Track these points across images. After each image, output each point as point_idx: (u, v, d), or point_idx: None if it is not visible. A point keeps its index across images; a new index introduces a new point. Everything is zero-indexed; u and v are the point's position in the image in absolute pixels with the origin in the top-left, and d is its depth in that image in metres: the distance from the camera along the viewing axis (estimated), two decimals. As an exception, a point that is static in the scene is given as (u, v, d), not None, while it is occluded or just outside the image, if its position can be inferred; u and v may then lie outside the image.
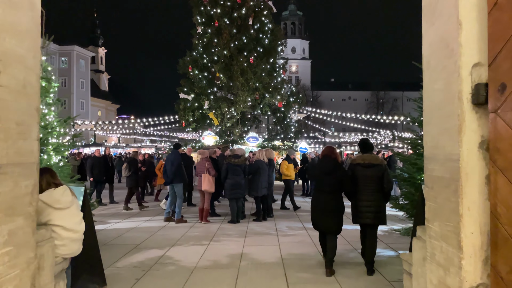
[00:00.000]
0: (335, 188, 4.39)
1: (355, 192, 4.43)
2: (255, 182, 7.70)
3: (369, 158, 4.51)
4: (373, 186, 4.38)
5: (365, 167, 4.43)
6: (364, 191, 4.38)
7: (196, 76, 19.34)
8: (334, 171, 4.41)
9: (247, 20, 19.32)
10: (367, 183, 4.38)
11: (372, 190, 4.37)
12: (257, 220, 7.73)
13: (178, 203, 7.70)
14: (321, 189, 4.48)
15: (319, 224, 4.47)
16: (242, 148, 8.85)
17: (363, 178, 4.41)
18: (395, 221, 7.80)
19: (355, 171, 4.48)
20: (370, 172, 4.40)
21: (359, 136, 33.94)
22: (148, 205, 9.95)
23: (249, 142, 18.63)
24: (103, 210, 9.41)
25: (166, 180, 7.90)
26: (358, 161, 4.54)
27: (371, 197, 4.37)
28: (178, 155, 7.93)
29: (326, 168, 4.46)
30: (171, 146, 11.51)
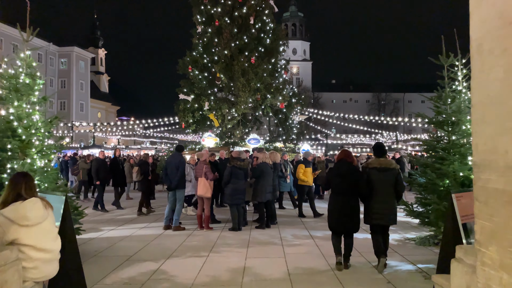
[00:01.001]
0: (351, 191, 4.58)
1: (370, 194, 4.60)
2: (259, 187, 7.21)
3: (384, 162, 4.67)
4: (387, 189, 4.58)
5: (380, 171, 4.60)
6: (379, 193, 4.56)
7: (196, 76, 18.88)
8: (350, 174, 4.61)
9: (248, 19, 18.87)
10: (381, 186, 4.56)
11: (386, 193, 4.57)
12: (260, 228, 7.25)
13: (178, 209, 7.22)
14: (338, 191, 4.65)
15: (337, 225, 4.65)
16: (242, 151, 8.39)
17: (378, 181, 4.58)
18: (407, 228, 7.32)
19: (370, 175, 4.64)
20: (385, 176, 4.58)
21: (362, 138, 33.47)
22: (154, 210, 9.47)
23: (250, 144, 18.15)
24: (97, 216, 8.94)
25: (168, 186, 7.39)
26: (374, 165, 4.69)
27: (385, 200, 4.56)
28: (183, 159, 7.44)
29: (342, 172, 4.64)
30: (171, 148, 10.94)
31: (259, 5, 19.41)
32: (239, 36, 18.59)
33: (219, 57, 18.45)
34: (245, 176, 7.16)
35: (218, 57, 18.48)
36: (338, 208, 4.60)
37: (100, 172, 9.64)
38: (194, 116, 19.28)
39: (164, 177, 7.44)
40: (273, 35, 19.97)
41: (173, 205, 7.33)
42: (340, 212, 4.58)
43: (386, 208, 4.56)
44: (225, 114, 18.56)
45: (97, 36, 63.60)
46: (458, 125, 5.63)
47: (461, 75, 6.17)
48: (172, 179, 7.18)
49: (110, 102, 64.83)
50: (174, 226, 7.18)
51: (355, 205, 4.63)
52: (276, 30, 20.27)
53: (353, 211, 4.60)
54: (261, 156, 7.63)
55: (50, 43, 46.86)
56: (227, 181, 7.00)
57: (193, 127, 19.60)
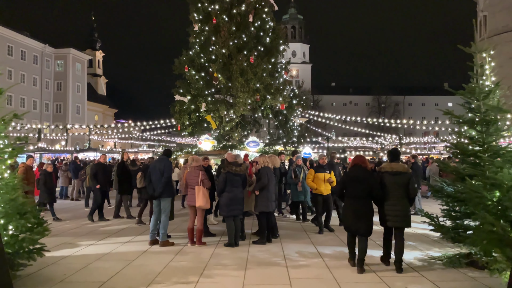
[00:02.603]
0: (365, 194, 4.82)
1: (383, 197, 4.82)
2: (263, 194, 6.32)
3: (396, 166, 4.89)
4: (400, 192, 4.78)
5: (393, 175, 4.83)
6: (391, 196, 4.78)
7: (193, 76, 18.03)
8: (365, 179, 4.84)
9: (247, 17, 18.08)
10: (394, 190, 4.78)
11: (398, 196, 4.77)
12: (260, 242, 6.34)
13: (163, 222, 6.31)
14: (353, 195, 4.86)
15: (352, 227, 4.88)
16: (239, 155, 7.41)
17: (390, 184, 4.81)
18: (427, 243, 6.43)
19: (384, 178, 4.88)
20: (397, 180, 4.80)
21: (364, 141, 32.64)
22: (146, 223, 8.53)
23: (249, 147, 17.27)
24: (77, 227, 8.03)
25: (151, 194, 6.50)
26: (387, 169, 4.91)
27: (398, 202, 4.77)
28: (169, 163, 6.54)
29: (357, 176, 4.88)
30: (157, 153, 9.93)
31: (259, 2, 18.64)
32: (238, 35, 17.79)
33: (216, 56, 17.62)
34: (243, 183, 6.27)
35: (216, 56, 17.66)
36: (353, 211, 4.83)
37: (99, 177, 8.76)
38: (190, 118, 18.42)
39: (147, 184, 6.53)
40: (273, 34, 19.17)
41: (159, 216, 6.44)
42: (355, 214, 4.81)
43: (398, 210, 4.75)
44: (223, 115, 17.71)
45: (94, 38, 62.91)
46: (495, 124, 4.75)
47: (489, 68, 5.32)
48: (155, 186, 6.29)
49: (108, 104, 63.99)
50: (161, 241, 6.28)
51: (369, 208, 4.84)
52: (276, 29, 19.47)
53: (367, 214, 4.81)
54: (262, 160, 6.70)
55: (46, 45, 46.04)
56: (222, 189, 6.11)
57: (189, 130, 18.73)
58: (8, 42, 40.48)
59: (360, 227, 4.78)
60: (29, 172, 7.94)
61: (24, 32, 43.18)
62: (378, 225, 5.11)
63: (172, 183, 6.67)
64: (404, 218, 4.76)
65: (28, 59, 43.77)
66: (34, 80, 45.15)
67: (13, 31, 40.77)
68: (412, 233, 7.21)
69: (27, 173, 7.74)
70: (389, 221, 4.79)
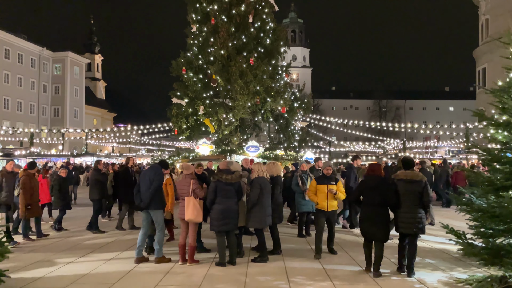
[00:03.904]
0: (381, 202, 4.98)
1: (398, 204, 4.97)
2: (255, 208, 5.59)
3: (410, 174, 5.02)
4: (414, 200, 4.90)
5: (407, 183, 4.96)
6: (405, 204, 4.92)
7: (191, 79, 17.43)
8: (380, 187, 5.03)
9: (246, 18, 17.52)
10: (407, 197, 4.92)
11: (412, 203, 4.90)
12: (261, 261, 5.63)
13: (159, 238, 5.64)
14: (369, 203, 5.04)
15: (368, 233, 5.05)
16: (237, 162, 6.55)
17: (404, 192, 4.95)
18: (449, 261, 5.71)
19: (398, 186, 5.02)
20: (411, 187, 4.93)
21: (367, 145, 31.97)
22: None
23: (249, 152, 16.58)
24: (58, 240, 7.32)
25: (137, 204, 5.82)
26: (401, 177, 5.06)
27: (412, 210, 4.89)
28: (160, 171, 5.85)
29: (372, 184, 5.08)
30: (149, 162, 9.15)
31: (259, 3, 18.10)
32: (237, 36, 17.22)
33: (215, 58, 17.04)
34: (238, 194, 5.50)
35: (214, 58, 17.07)
36: (370, 218, 5.00)
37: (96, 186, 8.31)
38: (188, 122, 17.80)
39: (135, 194, 5.85)
40: (274, 35, 18.61)
41: (148, 230, 5.75)
42: (371, 221, 4.97)
43: (412, 218, 4.87)
44: (222, 119, 17.07)
45: (93, 41, 62.53)
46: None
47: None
48: (143, 196, 5.62)
49: (106, 108, 63.42)
50: (156, 257, 5.61)
51: (384, 215, 5.00)
52: (276, 30, 18.90)
53: (383, 220, 4.97)
54: (256, 168, 5.89)
55: (43, 48, 45.56)
56: (211, 200, 5.39)
57: (186, 134, 18.09)
58: (5, 45, 39.97)
59: (376, 233, 4.96)
60: (32, 181, 7.19)
61: (22, 35, 42.72)
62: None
63: (162, 193, 5.98)
64: (417, 225, 4.86)
65: (25, 62, 43.25)
66: (31, 83, 44.60)
67: (10, 34, 40.28)
68: (429, 248, 6.51)
69: (29, 183, 7.05)
70: (403, 227, 4.93)
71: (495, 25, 30.42)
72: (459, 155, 25.48)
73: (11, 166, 7.49)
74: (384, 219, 4.98)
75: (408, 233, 4.92)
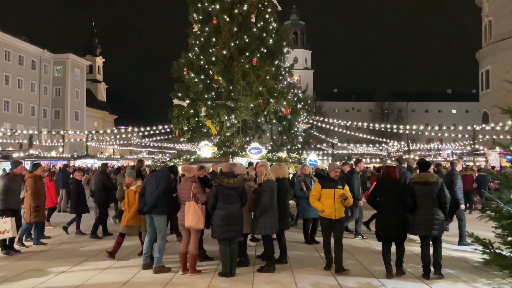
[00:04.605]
0: (397, 204, 4.99)
1: (414, 206, 5.01)
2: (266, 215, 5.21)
3: (425, 176, 5.08)
4: (430, 202, 4.94)
5: (422, 185, 5.01)
6: (421, 206, 4.96)
7: (192, 79, 17.09)
8: (395, 189, 5.07)
9: (249, 18, 17.20)
10: (423, 199, 4.97)
11: (428, 205, 4.93)
12: (267, 270, 5.24)
13: (159, 244, 5.28)
14: (385, 205, 5.06)
15: (385, 234, 5.06)
16: (242, 164, 6.10)
17: (420, 194, 5.00)
18: (470, 271, 5.31)
19: (413, 188, 5.09)
20: (427, 189, 4.98)
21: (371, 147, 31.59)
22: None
23: (251, 154, 16.21)
24: (53, 246, 6.95)
25: (140, 208, 5.47)
26: (416, 179, 5.15)
27: (429, 211, 4.92)
28: (167, 174, 5.49)
29: (387, 187, 5.10)
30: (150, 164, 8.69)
31: (261, 2, 17.80)
32: (239, 36, 16.89)
33: (217, 58, 16.70)
34: (241, 198, 5.10)
35: (216, 58, 16.73)
36: (386, 220, 5.02)
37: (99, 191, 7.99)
38: (189, 123, 17.44)
39: (139, 197, 5.51)
40: (277, 35, 18.29)
41: (153, 236, 5.39)
42: (388, 223, 4.99)
43: (429, 219, 4.90)
44: (224, 120, 16.73)
45: (94, 43, 62.45)
46: None
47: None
48: (148, 199, 5.28)
49: (107, 111, 63.25)
50: (155, 267, 5.24)
51: (400, 216, 5.01)
52: (279, 31, 18.58)
53: (399, 222, 4.99)
54: (262, 171, 5.41)
55: (44, 50, 45.38)
56: (212, 206, 5.01)
57: (188, 135, 17.71)
58: (5, 47, 39.81)
59: (393, 234, 4.98)
60: (39, 183, 6.87)
61: (22, 36, 42.54)
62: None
63: (168, 198, 5.58)
64: (435, 226, 4.88)
65: (26, 64, 43.07)
66: (32, 85, 44.40)
67: (10, 35, 40.12)
68: (446, 256, 6.10)
69: (36, 185, 6.73)
70: (422, 230, 4.94)
71: (499, 26, 30.15)
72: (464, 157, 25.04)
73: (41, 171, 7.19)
74: (400, 220, 4.98)
75: (427, 235, 4.94)
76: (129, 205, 5.87)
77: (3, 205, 6.34)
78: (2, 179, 6.51)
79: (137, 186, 5.93)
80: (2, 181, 6.44)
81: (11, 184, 6.45)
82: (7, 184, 6.39)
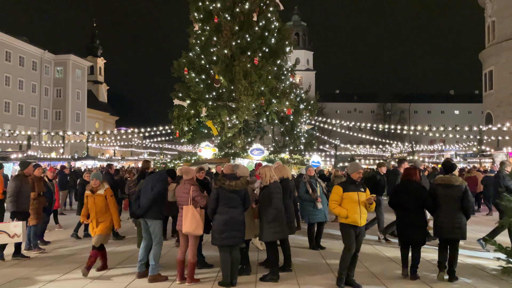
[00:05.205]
0: (417, 206, 5.03)
1: (437, 209, 5.03)
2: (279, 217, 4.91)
3: (449, 179, 5.02)
4: (453, 205, 4.92)
5: (445, 187, 4.99)
6: (445, 208, 4.96)
7: (193, 79, 16.82)
8: (415, 191, 5.06)
9: (250, 16, 16.92)
10: (446, 202, 4.96)
11: (452, 208, 4.91)
12: (271, 279, 4.90)
13: (155, 251, 4.95)
14: (406, 207, 5.05)
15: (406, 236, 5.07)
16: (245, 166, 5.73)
17: (443, 197, 4.99)
18: (487, 280, 4.96)
19: (436, 190, 5.09)
20: (449, 192, 4.95)
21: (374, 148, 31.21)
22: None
23: (253, 155, 15.88)
24: (47, 251, 6.62)
25: (133, 211, 5.14)
26: (439, 181, 5.11)
27: (451, 214, 4.91)
28: (164, 177, 5.16)
29: (408, 189, 5.08)
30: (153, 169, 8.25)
31: (263, 1, 17.53)
32: (241, 35, 16.60)
33: (218, 57, 16.42)
34: (244, 202, 4.74)
35: (217, 57, 16.45)
36: (407, 222, 5.02)
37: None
38: (190, 124, 17.16)
39: (134, 200, 5.19)
40: (279, 34, 18.00)
41: (149, 242, 5.06)
42: (408, 225, 4.99)
43: (451, 222, 4.87)
44: (225, 121, 16.44)
45: (96, 45, 62.39)
46: None
47: None
48: (142, 202, 4.96)
49: (109, 112, 63.10)
50: (150, 275, 4.91)
51: (420, 219, 5.04)
52: (282, 30, 18.29)
53: (418, 224, 4.99)
54: (267, 172, 5.05)
55: (45, 51, 45.24)
56: (213, 210, 4.67)
57: (188, 136, 17.42)
58: (6, 48, 39.66)
59: (412, 237, 4.97)
60: (38, 184, 6.61)
61: (23, 37, 42.41)
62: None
63: (163, 202, 5.26)
64: (457, 230, 4.85)
65: (26, 65, 42.93)
66: (33, 86, 44.26)
67: (11, 36, 39.98)
68: (461, 263, 5.74)
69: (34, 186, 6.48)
70: (443, 232, 4.94)
71: (502, 27, 29.82)
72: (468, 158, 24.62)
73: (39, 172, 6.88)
74: (420, 222, 4.99)
75: (448, 238, 4.93)
76: (97, 213, 5.15)
77: (14, 207, 6.06)
78: (13, 181, 6.25)
79: (106, 189, 5.22)
80: (14, 183, 6.17)
81: (22, 185, 6.18)
82: (18, 186, 6.12)
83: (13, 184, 6.14)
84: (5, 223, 5.81)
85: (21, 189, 6.13)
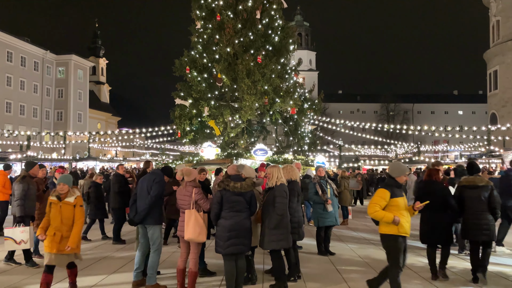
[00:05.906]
0: (440, 207, 4.96)
1: (463, 210, 5.01)
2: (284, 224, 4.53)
3: (473, 180, 5.02)
4: (478, 206, 4.88)
5: (470, 189, 4.98)
6: (470, 210, 4.94)
7: (195, 78, 16.48)
8: (438, 192, 5.02)
9: (254, 14, 16.59)
10: (472, 203, 4.93)
11: (476, 209, 4.88)
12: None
13: (153, 258, 4.61)
14: (428, 208, 4.67)
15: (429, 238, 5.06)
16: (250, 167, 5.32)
17: (468, 198, 4.97)
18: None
19: (462, 192, 5.08)
20: (475, 193, 4.92)
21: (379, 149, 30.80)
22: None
23: (256, 156, 15.53)
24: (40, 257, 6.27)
25: (131, 218, 4.80)
26: (463, 183, 5.11)
27: (478, 216, 4.86)
28: (160, 178, 4.80)
29: (429, 190, 5.03)
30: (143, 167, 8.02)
31: (267, -2, 17.21)
32: (244, 33, 16.25)
33: (220, 56, 16.07)
34: (250, 206, 4.35)
35: (220, 56, 16.10)
36: (430, 223, 5.01)
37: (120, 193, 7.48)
38: (192, 124, 16.83)
39: (131, 205, 4.84)
40: (282, 32, 17.65)
41: (146, 248, 4.72)
42: (431, 226, 4.99)
43: (478, 224, 4.82)
44: (228, 121, 16.09)
45: (98, 45, 62.30)
46: None
47: None
48: (139, 207, 4.62)
49: (111, 112, 62.97)
50: (148, 285, 4.57)
51: (444, 219, 4.99)
52: (285, 28, 17.94)
53: (442, 225, 4.97)
54: (274, 173, 4.67)
55: (47, 51, 45.11)
56: (216, 214, 4.27)
57: (190, 136, 17.07)
58: (7, 48, 39.53)
59: (437, 237, 4.99)
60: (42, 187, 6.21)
61: (24, 37, 42.31)
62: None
63: (162, 205, 4.93)
64: (485, 232, 4.81)
65: (28, 66, 42.80)
66: (34, 87, 44.13)
67: (12, 36, 39.86)
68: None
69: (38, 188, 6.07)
70: (471, 234, 4.92)
71: (507, 26, 29.41)
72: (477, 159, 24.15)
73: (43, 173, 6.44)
74: (443, 223, 4.96)
75: (477, 240, 4.89)
76: (62, 225, 4.14)
77: (22, 211, 5.68)
78: (20, 183, 5.81)
79: (77, 197, 4.26)
80: (21, 185, 5.76)
81: (29, 188, 5.80)
82: (25, 189, 5.74)
83: (20, 187, 5.73)
84: (11, 228, 5.37)
85: (28, 192, 5.77)
